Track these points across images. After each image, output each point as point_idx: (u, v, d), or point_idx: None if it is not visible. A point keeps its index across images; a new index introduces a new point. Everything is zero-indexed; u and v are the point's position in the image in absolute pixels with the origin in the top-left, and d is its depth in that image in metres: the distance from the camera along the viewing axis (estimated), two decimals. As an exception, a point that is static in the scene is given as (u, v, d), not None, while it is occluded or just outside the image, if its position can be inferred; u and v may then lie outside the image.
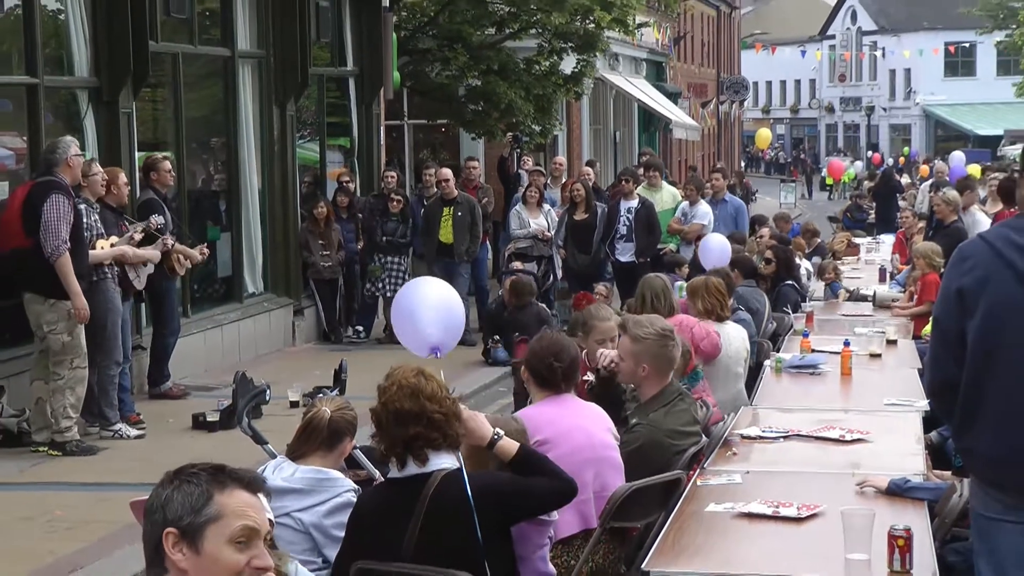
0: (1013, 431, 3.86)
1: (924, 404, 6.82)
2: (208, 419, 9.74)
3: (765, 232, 15.07)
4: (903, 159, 51.13)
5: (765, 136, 52.64)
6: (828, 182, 49.44)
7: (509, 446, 4.52)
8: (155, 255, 9.90)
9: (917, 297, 10.99)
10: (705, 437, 6.04)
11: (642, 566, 4.60)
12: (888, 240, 17.52)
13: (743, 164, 53.42)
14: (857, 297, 12.39)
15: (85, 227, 9.11)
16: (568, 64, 19.91)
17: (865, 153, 58.75)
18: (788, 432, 6.36)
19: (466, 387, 11.01)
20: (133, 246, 9.74)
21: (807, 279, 13.17)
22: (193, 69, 12.84)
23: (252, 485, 2.84)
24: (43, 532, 7.42)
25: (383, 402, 4.40)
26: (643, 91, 32.85)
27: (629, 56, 32.94)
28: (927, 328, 7.87)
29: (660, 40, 36.58)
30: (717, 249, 11.34)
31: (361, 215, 14.41)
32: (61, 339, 8.85)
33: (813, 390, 7.81)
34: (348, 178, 14.92)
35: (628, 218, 14.56)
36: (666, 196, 15.80)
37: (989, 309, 3.86)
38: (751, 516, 4.97)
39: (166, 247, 10.08)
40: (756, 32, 58.78)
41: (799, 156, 66.75)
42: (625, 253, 14.55)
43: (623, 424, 5.87)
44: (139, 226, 9.89)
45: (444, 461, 4.38)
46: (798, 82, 75.66)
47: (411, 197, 15.35)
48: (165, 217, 10.32)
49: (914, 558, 4.32)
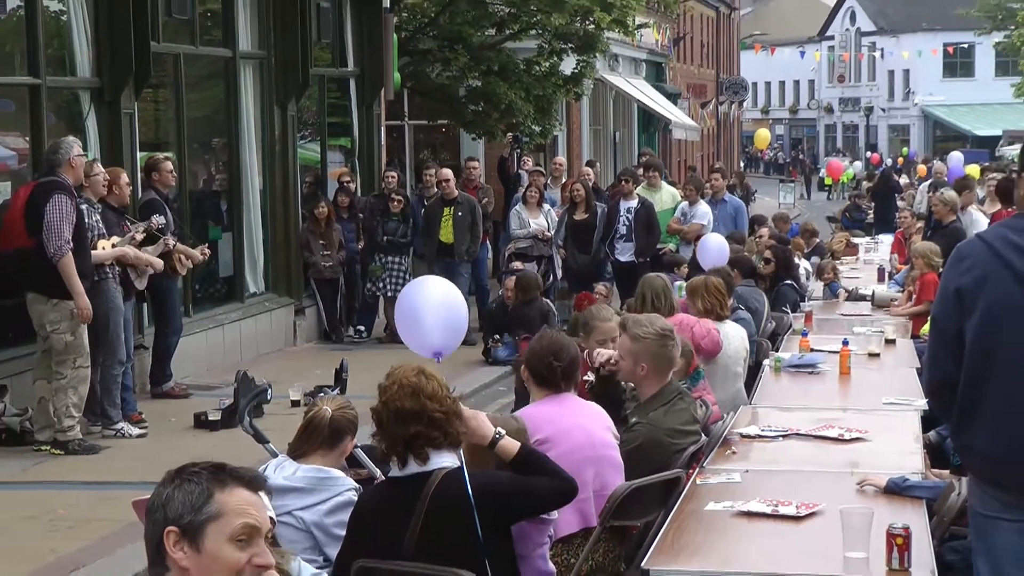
0: (1011, 430, 3.87)
1: (922, 403, 6.81)
2: (210, 418, 9.75)
3: (764, 232, 15.07)
4: (902, 159, 51.08)
5: (764, 136, 52.62)
6: (827, 182, 49.42)
7: (510, 445, 4.51)
8: (158, 263, 9.92)
9: (916, 297, 10.98)
10: (704, 436, 6.03)
11: (642, 564, 4.58)
12: (887, 240, 17.45)
13: (742, 164, 53.37)
14: (856, 297, 12.39)
15: (87, 227, 9.12)
16: (568, 65, 19.88)
17: (864, 153, 58.69)
18: (787, 431, 6.36)
19: (466, 386, 10.99)
20: (135, 246, 9.74)
21: (806, 279, 13.15)
22: (195, 70, 12.84)
23: (253, 483, 2.83)
24: (45, 531, 7.42)
25: (384, 401, 4.39)
26: (643, 92, 32.83)
27: (629, 57, 32.93)
28: (925, 327, 7.86)
29: (660, 41, 36.56)
30: (715, 249, 11.40)
31: (362, 215, 14.40)
32: (64, 339, 8.86)
33: (812, 389, 7.80)
34: (349, 178, 14.90)
35: (628, 218, 14.57)
36: (665, 196, 15.80)
37: (987, 309, 3.86)
38: (750, 515, 4.97)
39: (167, 247, 10.10)
40: (755, 33, 58.71)
41: (798, 156, 66.73)
42: (625, 253, 14.56)
43: (623, 423, 5.87)
44: (140, 226, 9.89)
45: (445, 460, 4.37)
46: (797, 83, 75.61)
47: (412, 197, 15.35)
48: (166, 217, 10.32)
49: (912, 556, 4.32)
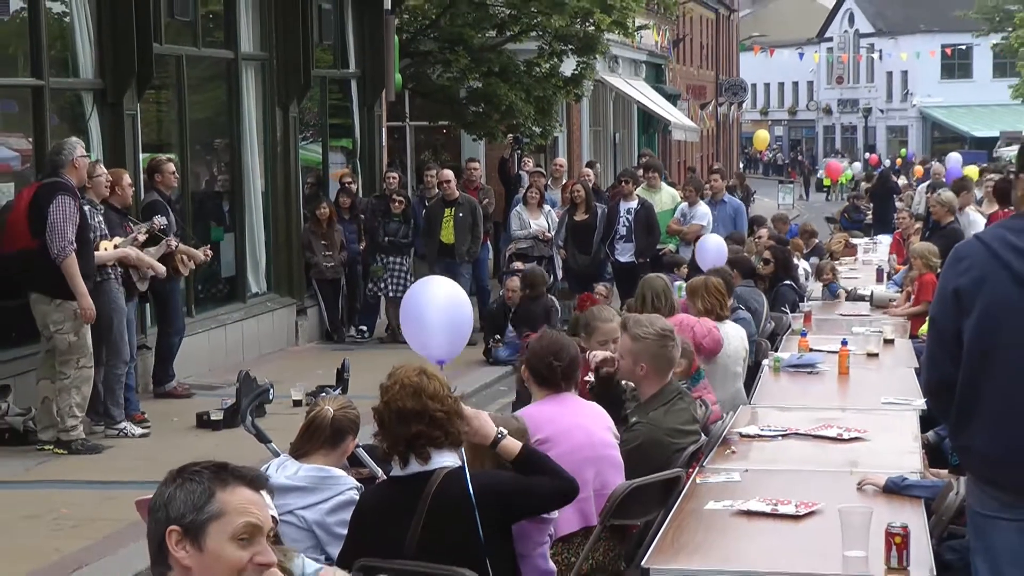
0: (1009, 431, 3.87)
1: (921, 403, 6.80)
2: (212, 418, 9.77)
3: (763, 233, 15.11)
4: (900, 160, 51.06)
5: (763, 137, 52.59)
6: (826, 183, 49.44)
7: (512, 445, 4.50)
8: (160, 268, 9.94)
9: (914, 297, 10.99)
10: (704, 436, 6.03)
11: (642, 563, 4.58)
12: (885, 241, 17.40)
13: (741, 165, 53.37)
14: (854, 297, 12.43)
15: (90, 228, 9.12)
16: (568, 66, 19.90)
17: (862, 154, 58.69)
18: (786, 431, 6.36)
19: (467, 386, 10.99)
20: (137, 247, 9.76)
21: (805, 279, 13.16)
22: (197, 71, 12.84)
23: (254, 482, 2.84)
24: (49, 530, 7.43)
25: (386, 401, 4.39)
26: (642, 93, 32.83)
27: (629, 58, 32.94)
28: (924, 328, 7.91)
29: (659, 42, 36.56)
30: (714, 250, 11.48)
31: (363, 216, 14.40)
32: (67, 339, 8.87)
33: (811, 389, 7.79)
34: (350, 179, 14.91)
35: (628, 219, 14.60)
36: (665, 197, 15.83)
37: (985, 309, 3.86)
38: (750, 514, 4.97)
39: (170, 248, 10.12)
40: (754, 34, 58.72)
41: (797, 158, 66.79)
42: (625, 253, 14.59)
43: (623, 423, 5.87)
44: (143, 227, 9.91)
45: (446, 459, 4.38)
46: (796, 84, 75.65)
47: (413, 198, 15.36)
48: (169, 218, 10.33)
49: (911, 555, 4.32)
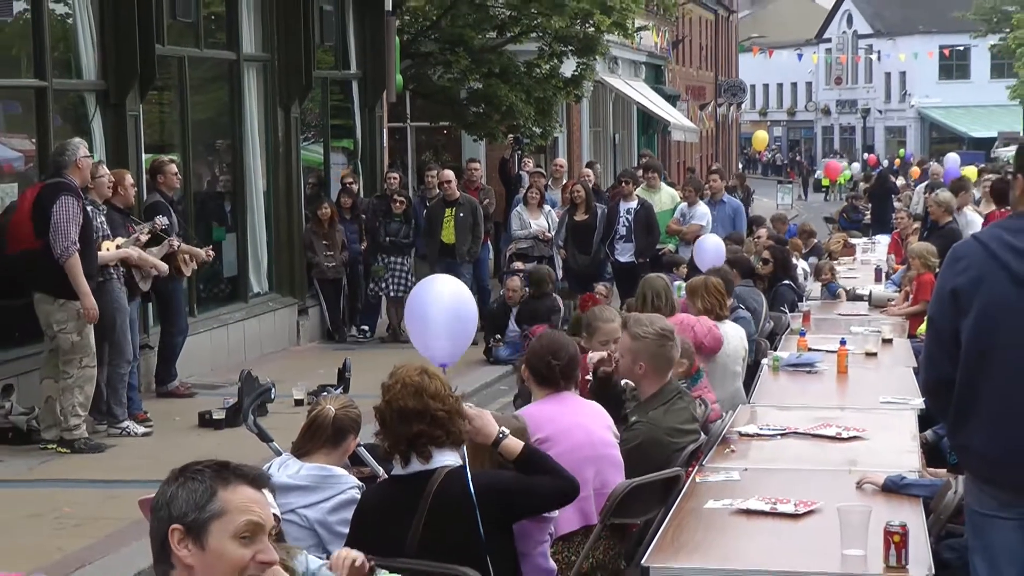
0: (1007, 431, 3.90)
1: (919, 402, 6.79)
2: (214, 417, 9.79)
3: (763, 233, 15.15)
4: (899, 161, 51.07)
5: (762, 138, 52.57)
6: (824, 184, 49.45)
7: (514, 445, 4.51)
8: (163, 267, 9.96)
9: (912, 297, 11.01)
10: (704, 435, 6.05)
11: (642, 562, 4.58)
12: (884, 241, 17.35)
13: (740, 166, 53.37)
14: (853, 297, 12.48)
15: (93, 228, 9.13)
16: (568, 67, 19.92)
17: (861, 155, 58.71)
18: (785, 430, 6.37)
19: (468, 385, 11.00)
20: (139, 247, 9.79)
21: (803, 279, 13.20)
22: (199, 72, 12.87)
23: (256, 481, 2.84)
24: (52, 529, 7.44)
25: (387, 400, 4.41)
26: (642, 94, 32.85)
27: (628, 59, 32.97)
28: (922, 327, 7.94)
29: (659, 44, 36.58)
30: (712, 250, 11.57)
31: (364, 216, 14.42)
32: (70, 339, 8.89)
33: (810, 388, 7.80)
34: (351, 179, 14.93)
35: (627, 219, 14.63)
36: (665, 197, 15.86)
37: (983, 309, 3.89)
38: (749, 512, 4.97)
39: (172, 248, 10.15)
40: (753, 36, 58.79)
41: (795, 158, 66.81)
42: (625, 253, 14.62)
43: (623, 422, 5.89)
44: (145, 227, 9.93)
45: (447, 458, 4.40)
46: (795, 85, 75.70)
47: (414, 198, 15.38)
48: (171, 219, 10.35)
49: (910, 554, 4.32)
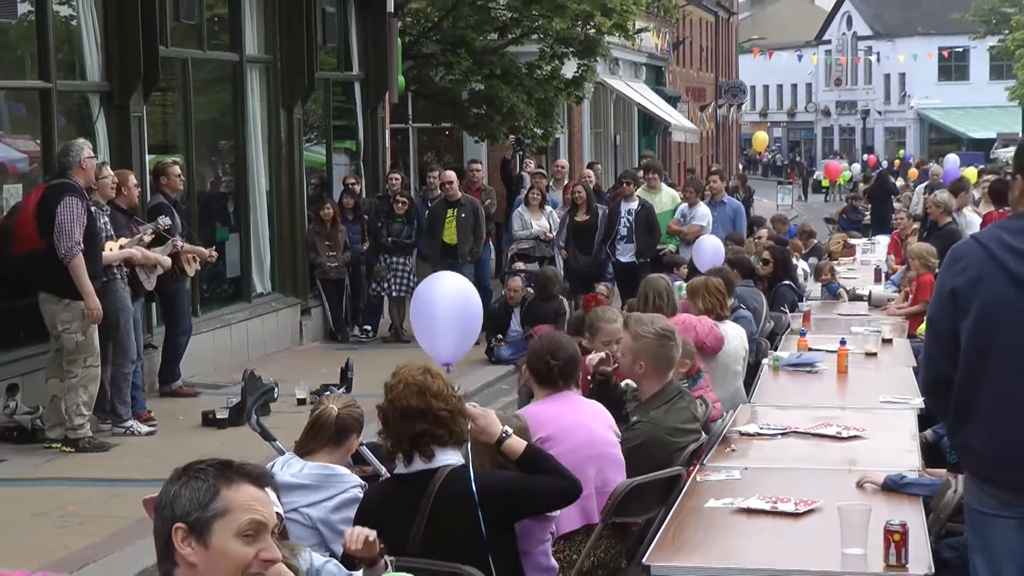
0: (1006, 431, 3.91)
1: (919, 401, 6.81)
2: (217, 416, 9.81)
3: (763, 233, 15.20)
4: (898, 162, 51.11)
5: (762, 139, 52.54)
6: (824, 184, 49.47)
7: (517, 444, 4.51)
8: (166, 260, 9.99)
9: (912, 297, 11.03)
10: (704, 434, 6.07)
11: (643, 561, 4.61)
12: (883, 241, 17.33)
13: (740, 167, 53.42)
14: (853, 297, 12.52)
15: (97, 228, 9.14)
16: (569, 69, 19.95)
17: (860, 156, 58.74)
18: (786, 429, 6.40)
19: (469, 385, 11.00)
20: (143, 247, 9.81)
21: (803, 279, 13.22)
22: (202, 74, 12.89)
23: (259, 480, 2.85)
24: (56, 527, 7.46)
25: (390, 399, 4.42)
26: (643, 95, 32.88)
27: (629, 61, 33.01)
28: (922, 327, 7.97)
29: (659, 45, 36.63)
30: (710, 250, 11.71)
31: (367, 216, 14.44)
32: (75, 338, 8.91)
33: (810, 388, 7.83)
34: (354, 180, 14.95)
35: (628, 219, 14.66)
36: (665, 198, 15.89)
37: (982, 309, 3.90)
38: (750, 511, 5.00)
39: (176, 248, 10.17)
40: (754, 37, 58.87)
41: (795, 159, 66.84)
42: (626, 254, 14.65)
43: (624, 421, 5.91)
44: (148, 228, 9.95)
45: (450, 457, 4.41)
46: (795, 86, 75.74)
47: (415, 199, 15.43)
48: (174, 220, 10.37)
49: (910, 553, 4.34)
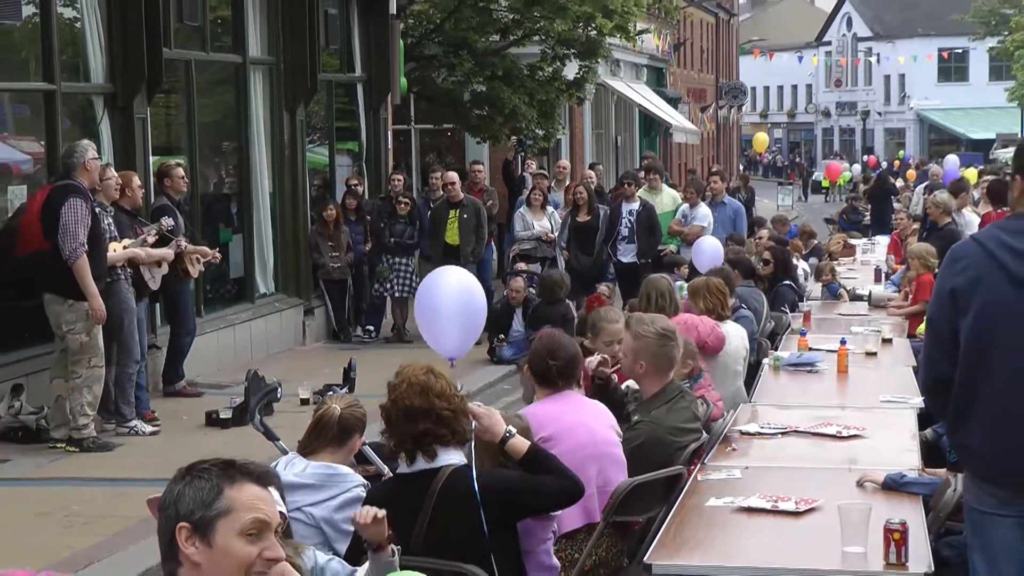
0: (1006, 431, 3.93)
1: (919, 401, 6.84)
2: (221, 416, 9.84)
3: (764, 234, 15.24)
4: (898, 163, 51.12)
5: (763, 140, 52.58)
6: (824, 185, 49.50)
7: (520, 444, 4.52)
8: (168, 253, 10.01)
9: (912, 297, 11.06)
10: (705, 433, 6.09)
11: (644, 559, 4.62)
12: (883, 241, 17.35)
13: (741, 167, 53.50)
14: (853, 297, 12.55)
15: (102, 230, 9.17)
16: (571, 70, 19.98)
17: (860, 157, 58.76)
18: (786, 428, 6.43)
19: (471, 385, 11.04)
20: (146, 247, 9.86)
21: (804, 279, 13.25)
22: (206, 75, 12.92)
23: (262, 479, 2.85)
24: (60, 527, 7.49)
25: (393, 399, 4.44)
26: (644, 96, 32.90)
27: (630, 62, 33.03)
28: (921, 327, 7.97)
29: (660, 46, 36.64)
30: (709, 251, 11.80)
31: (369, 217, 14.48)
32: (79, 339, 8.94)
33: (810, 387, 7.85)
34: (356, 181, 14.97)
35: (630, 220, 14.69)
36: (666, 199, 15.91)
37: (981, 309, 3.92)
38: (750, 510, 5.03)
39: (180, 248, 10.20)
40: (754, 38, 58.90)
41: (795, 160, 66.87)
42: (627, 254, 14.68)
43: (625, 422, 5.93)
44: (152, 228, 9.99)
45: (452, 457, 4.43)
46: (795, 87, 75.79)
47: (418, 200, 15.47)
48: (177, 222, 10.40)
49: (909, 551, 4.37)
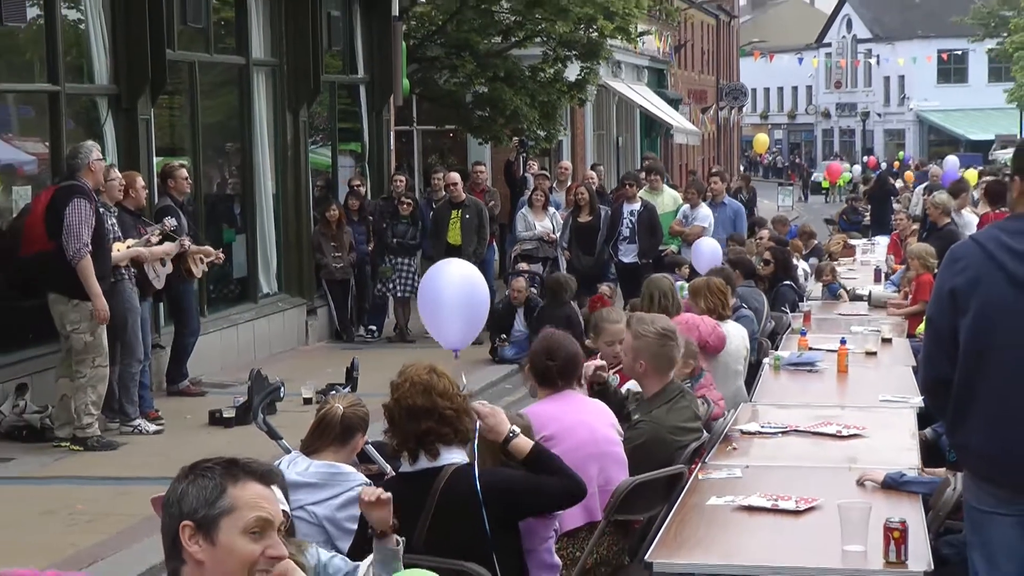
0: (1005, 431, 3.94)
1: (918, 400, 6.85)
2: (224, 415, 9.86)
3: (764, 234, 15.27)
4: (898, 163, 51.16)
5: (763, 141, 52.60)
6: (824, 185, 49.54)
7: (523, 444, 4.52)
8: (172, 248, 10.02)
9: (911, 297, 11.07)
10: (706, 433, 6.11)
11: (645, 558, 4.63)
12: (883, 242, 17.36)
13: (742, 168, 53.57)
14: (853, 297, 12.58)
15: (105, 230, 9.20)
16: (572, 71, 20.02)
17: (860, 158, 58.80)
18: (786, 428, 6.44)
19: (473, 384, 11.00)
20: (150, 247, 9.90)
21: (804, 279, 13.28)
22: (209, 77, 12.93)
23: (265, 477, 2.86)
24: (65, 525, 7.52)
25: (396, 398, 4.44)
26: (645, 97, 32.95)
27: (631, 64, 33.08)
28: (921, 327, 8.03)
29: (661, 48, 36.69)
30: (708, 252, 11.91)
31: (372, 218, 14.50)
32: (83, 339, 8.98)
33: (811, 387, 7.87)
34: (359, 182, 15.01)
35: (631, 220, 14.71)
36: (667, 199, 15.93)
37: (980, 309, 3.93)
38: (751, 509, 5.04)
39: (183, 248, 10.22)
40: (754, 40, 58.94)
41: (795, 161, 66.91)
42: (628, 254, 14.71)
43: (626, 420, 5.94)
44: (155, 228, 10.02)
45: (454, 456, 4.44)
46: (795, 88, 75.85)
47: (420, 200, 15.48)
48: (180, 223, 10.43)
49: (909, 550, 4.38)
